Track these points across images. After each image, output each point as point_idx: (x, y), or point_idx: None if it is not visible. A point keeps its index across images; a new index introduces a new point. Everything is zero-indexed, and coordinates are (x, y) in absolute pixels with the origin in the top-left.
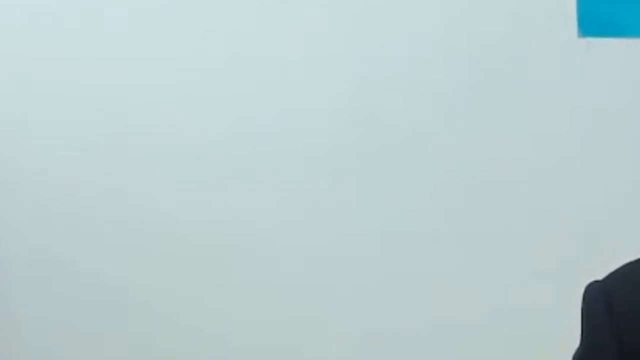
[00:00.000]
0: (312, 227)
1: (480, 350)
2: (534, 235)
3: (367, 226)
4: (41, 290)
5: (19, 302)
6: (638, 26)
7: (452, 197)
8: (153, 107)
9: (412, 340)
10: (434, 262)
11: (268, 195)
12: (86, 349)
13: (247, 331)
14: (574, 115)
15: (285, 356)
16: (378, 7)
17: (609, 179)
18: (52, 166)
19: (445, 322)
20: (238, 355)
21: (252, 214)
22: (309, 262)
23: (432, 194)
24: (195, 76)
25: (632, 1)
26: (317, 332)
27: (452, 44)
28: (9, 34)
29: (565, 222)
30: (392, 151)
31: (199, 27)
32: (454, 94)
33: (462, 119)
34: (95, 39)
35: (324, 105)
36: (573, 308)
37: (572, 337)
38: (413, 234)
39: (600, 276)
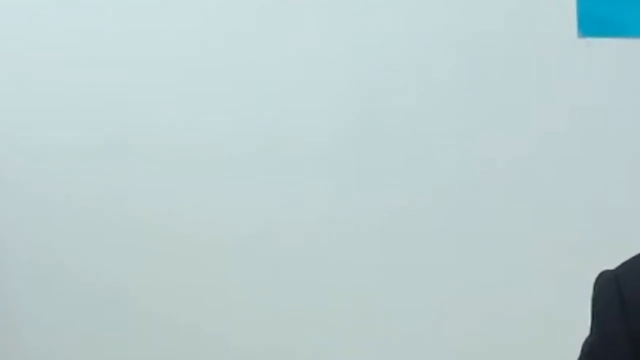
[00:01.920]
0: (312, 227)
1: (481, 350)
2: (534, 235)
3: (367, 226)
4: (41, 290)
5: (19, 302)
6: (638, 26)
7: (452, 197)
8: (153, 107)
9: (412, 340)
10: (434, 262)
11: (268, 196)
12: (86, 349)
13: (247, 331)
14: (574, 115)
15: (285, 356)
16: (378, 7)
17: (609, 179)
18: (52, 166)
19: (445, 322)
20: (238, 355)
21: (252, 214)
22: (309, 262)
23: (432, 194)
24: (195, 76)
25: (632, 1)
26: (317, 332)
27: (451, 44)
28: (9, 34)
29: (565, 222)
30: (392, 151)
31: (199, 27)
32: (454, 94)
33: (462, 119)
34: (95, 39)
35: (324, 106)
36: (573, 308)
37: (572, 337)
38: (413, 234)
39: None
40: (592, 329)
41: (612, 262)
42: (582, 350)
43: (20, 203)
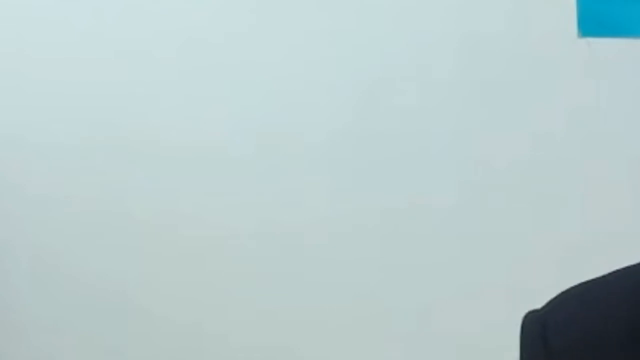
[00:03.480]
0: (312, 227)
1: (480, 350)
2: (534, 235)
3: (367, 226)
4: (41, 290)
5: (19, 302)
6: (638, 26)
7: (452, 197)
8: (153, 107)
9: (412, 340)
10: (434, 262)
11: (268, 195)
12: (86, 349)
13: (247, 331)
14: (574, 115)
15: (285, 356)
16: (377, 7)
17: (609, 179)
18: (52, 166)
19: (444, 322)
20: (238, 355)
21: (252, 214)
22: (308, 262)
23: (432, 194)
24: (195, 76)
25: (632, 1)
26: (317, 332)
27: (451, 44)
28: (9, 34)
29: (565, 222)
30: (391, 151)
31: (198, 26)
32: (453, 94)
33: (462, 119)
34: (94, 38)
35: (323, 105)
36: None
37: None
38: (413, 234)
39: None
40: None
41: (612, 264)
42: None
43: (20, 203)
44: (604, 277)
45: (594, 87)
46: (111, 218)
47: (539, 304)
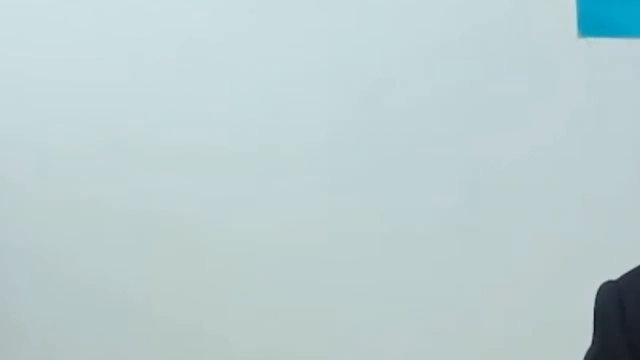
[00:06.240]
0: (311, 227)
1: (482, 351)
2: (534, 235)
3: (367, 226)
4: (41, 290)
5: (19, 302)
6: (638, 26)
7: (450, 198)
8: (153, 107)
9: (411, 340)
10: (434, 262)
11: (267, 195)
12: (86, 349)
13: (247, 331)
14: (574, 116)
15: (285, 356)
16: (378, 8)
17: (609, 180)
18: (52, 166)
19: (444, 322)
20: (238, 355)
21: (252, 214)
22: (308, 262)
23: (431, 194)
24: (195, 75)
25: (632, 1)
26: (317, 332)
27: (451, 43)
28: (9, 34)
29: (565, 223)
30: (391, 151)
31: (198, 26)
32: (453, 94)
33: (462, 119)
34: (94, 39)
35: (323, 105)
36: (571, 309)
37: (572, 337)
38: (413, 234)
39: (601, 279)
40: (593, 340)
41: (613, 265)
42: None
43: (20, 203)
44: None
45: (594, 87)
46: (111, 218)
47: (539, 304)
